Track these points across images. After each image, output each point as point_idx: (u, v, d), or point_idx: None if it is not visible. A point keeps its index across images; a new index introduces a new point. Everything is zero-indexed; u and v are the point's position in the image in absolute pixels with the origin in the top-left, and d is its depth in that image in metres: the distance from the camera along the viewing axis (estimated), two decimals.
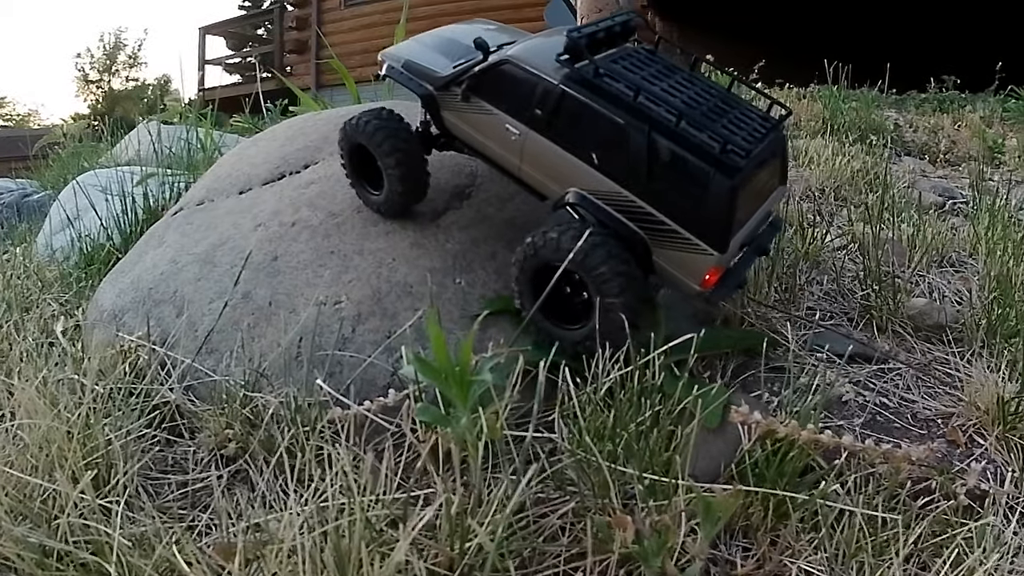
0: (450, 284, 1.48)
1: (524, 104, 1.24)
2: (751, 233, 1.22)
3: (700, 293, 1.19)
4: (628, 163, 1.16)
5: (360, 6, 9.66)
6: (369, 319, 1.44)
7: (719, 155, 1.11)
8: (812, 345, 1.52)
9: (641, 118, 1.15)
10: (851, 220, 1.86)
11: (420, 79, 1.42)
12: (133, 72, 24.67)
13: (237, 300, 1.58)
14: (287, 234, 1.69)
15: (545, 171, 1.27)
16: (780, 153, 1.27)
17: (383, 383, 1.36)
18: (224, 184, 2.05)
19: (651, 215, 1.16)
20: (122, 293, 1.82)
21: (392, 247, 1.57)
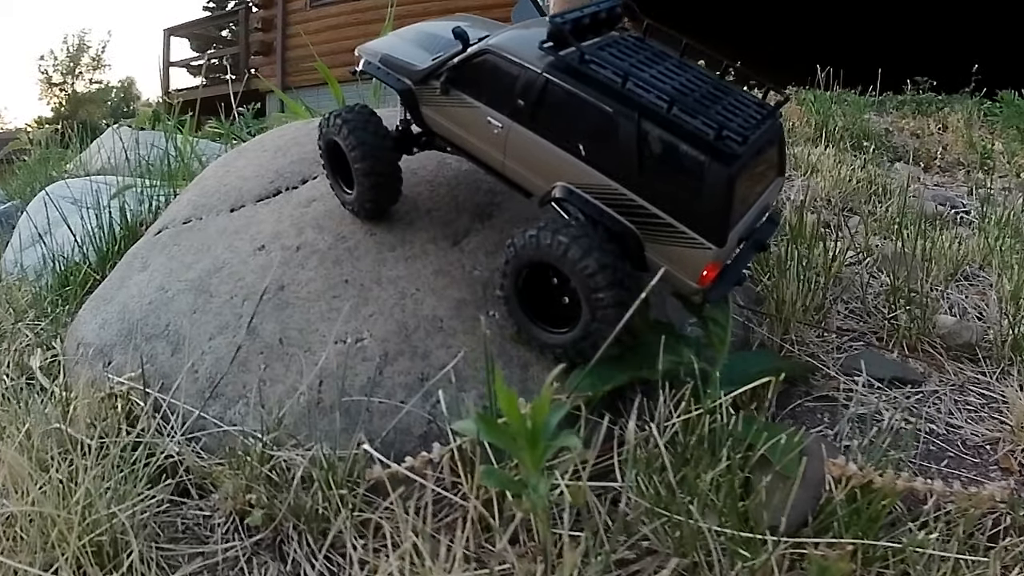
0: (483, 318, 1.31)
1: (506, 95, 1.13)
2: (749, 227, 1.12)
3: (697, 291, 1.08)
4: (617, 154, 1.05)
5: (326, 7, 9.24)
6: (398, 359, 1.26)
7: (714, 142, 1.00)
8: (849, 368, 1.42)
9: (630, 105, 1.04)
10: (866, 232, 1.76)
11: (398, 73, 1.30)
12: (97, 75, 23.39)
13: (242, 337, 1.38)
14: (292, 259, 1.49)
15: (530, 166, 1.16)
16: (777, 141, 1.16)
17: (419, 431, 1.20)
18: (212, 200, 1.81)
19: (643, 208, 1.06)
20: (106, 325, 1.59)
21: (414, 275, 1.39)
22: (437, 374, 1.23)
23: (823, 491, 1.09)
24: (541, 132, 1.12)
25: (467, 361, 1.25)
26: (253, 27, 10.12)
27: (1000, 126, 3.57)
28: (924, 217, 1.87)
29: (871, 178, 2.13)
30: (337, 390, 1.24)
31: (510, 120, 1.15)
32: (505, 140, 1.17)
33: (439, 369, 1.24)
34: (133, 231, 1.99)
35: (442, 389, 1.20)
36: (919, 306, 1.49)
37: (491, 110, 1.17)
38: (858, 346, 1.49)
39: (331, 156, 1.44)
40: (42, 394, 1.56)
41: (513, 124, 1.14)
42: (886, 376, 1.38)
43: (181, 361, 1.41)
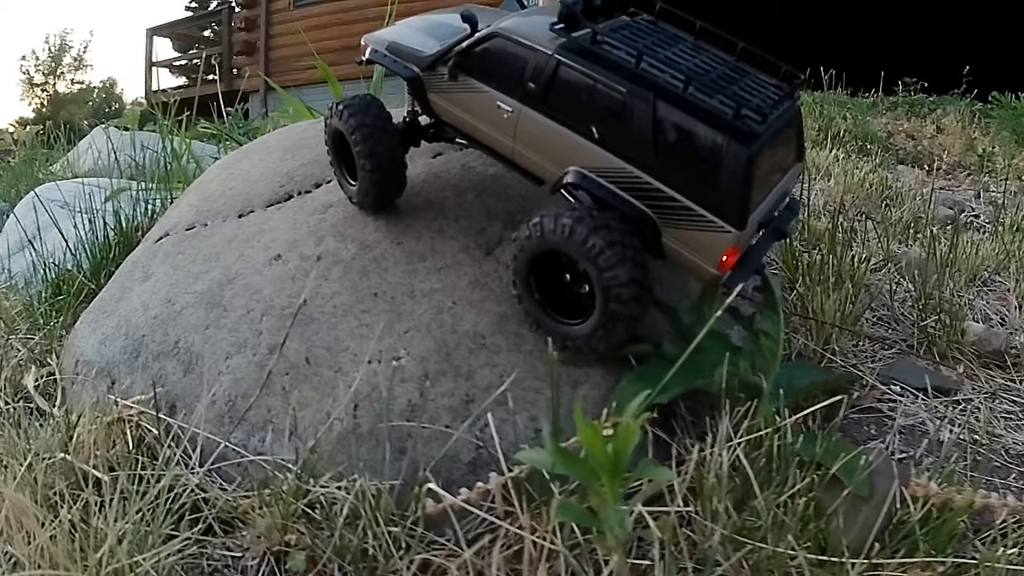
0: (526, 333, 1.20)
1: (516, 79, 1.08)
2: (768, 212, 1.06)
3: (717, 277, 1.02)
4: (632, 135, 1.00)
5: (310, 7, 8.97)
6: (440, 380, 1.14)
7: (733, 121, 0.94)
8: (886, 378, 1.36)
9: (645, 85, 0.99)
10: (887, 238, 1.69)
11: (405, 60, 1.24)
12: (78, 75, 22.46)
13: (263, 356, 1.24)
14: (313, 270, 1.35)
15: (541, 151, 1.10)
16: (796, 124, 1.11)
17: (467, 458, 1.08)
18: (218, 205, 1.66)
19: (659, 192, 1.00)
20: (108, 340, 1.43)
21: (449, 288, 1.27)
22: (483, 395, 1.12)
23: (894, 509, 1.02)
24: (552, 115, 1.07)
25: (514, 380, 1.14)
26: (236, 27, 9.80)
27: (995, 128, 3.57)
28: (938, 222, 1.83)
29: (883, 182, 2.08)
30: (375, 414, 1.12)
31: (520, 104, 1.09)
32: (515, 125, 1.11)
33: (485, 390, 1.13)
34: (129, 237, 1.82)
35: (491, 412, 1.09)
36: (947, 313, 1.43)
37: (500, 94, 1.11)
38: (890, 355, 1.43)
39: (336, 147, 1.37)
40: (40, 419, 1.41)
41: (523, 108, 1.09)
42: (923, 385, 1.32)
43: (195, 382, 1.27)
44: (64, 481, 1.16)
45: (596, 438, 0.81)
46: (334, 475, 1.04)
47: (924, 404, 1.31)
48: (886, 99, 4.30)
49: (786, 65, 1.11)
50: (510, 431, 1.10)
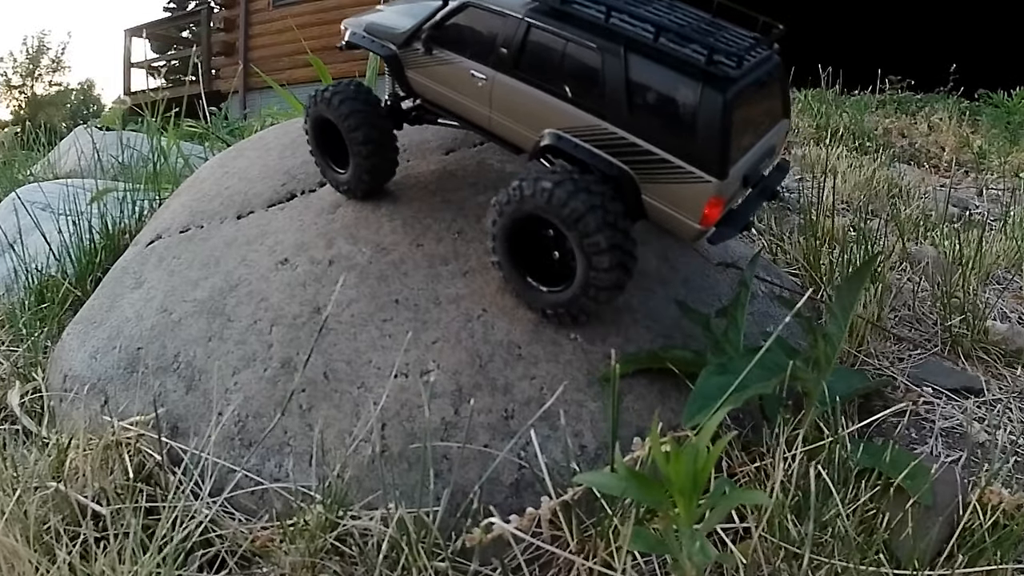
0: (564, 341, 1.08)
1: (489, 46, 1.06)
2: (754, 168, 1.00)
3: (701, 232, 0.95)
4: (605, 91, 0.95)
5: (289, 7, 8.59)
6: (475, 394, 1.02)
7: (706, 67, 0.89)
8: (917, 379, 1.28)
9: (615, 39, 0.95)
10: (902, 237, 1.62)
11: (382, 40, 1.22)
12: (56, 76, 21.39)
13: (275, 371, 1.10)
14: (325, 276, 1.21)
15: (516, 115, 1.06)
16: (779, 79, 1.05)
17: (509, 479, 0.96)
18: (214, 205, 1.49)
19: (636, 146, 0.95)
20: (99, 354, 1.26)
21: (476, 294, 1.14)
22: (523, 410, 1.00)
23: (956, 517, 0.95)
24: (525, 79, 1.03)
25: (554, 393, 1.02)
26: (215, 27, 9.45)
27: (986, 125, 3.54)
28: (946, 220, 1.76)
29: (889, 179, 2.02)
30: (406, 435, 0.99)
31: (494, 71, 1.06)
32: (490, 92, 1.07)
33: (525, 404, 1.01)
34: (115, 240, 1.63)
35: (533, 429, 0.97)
36: (969, 313, 1.37)
37: (474, 63, 1.08)
38: (916, 355, 1.35)
39: (319, 136, 1.30)
40: (27, 441, 1.23)
41: (497, 75, 1.05)
42: (953, 386, 1.25)
43: (200, 401, 1.12)
44: (58, 515, 1.00)
45: (678, 461, 0.71)
46: (365, 504, 0.91)
47: (957, 405, 1.24)
48: (874, 97, 4.24)
49: (764, 17, 1.05)
50: (554, 448, 0.99)
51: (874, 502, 0.94)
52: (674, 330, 1.15)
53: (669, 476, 0.76)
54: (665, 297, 1.20)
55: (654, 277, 1.22)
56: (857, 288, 1.05)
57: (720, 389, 0.97)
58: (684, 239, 1.00)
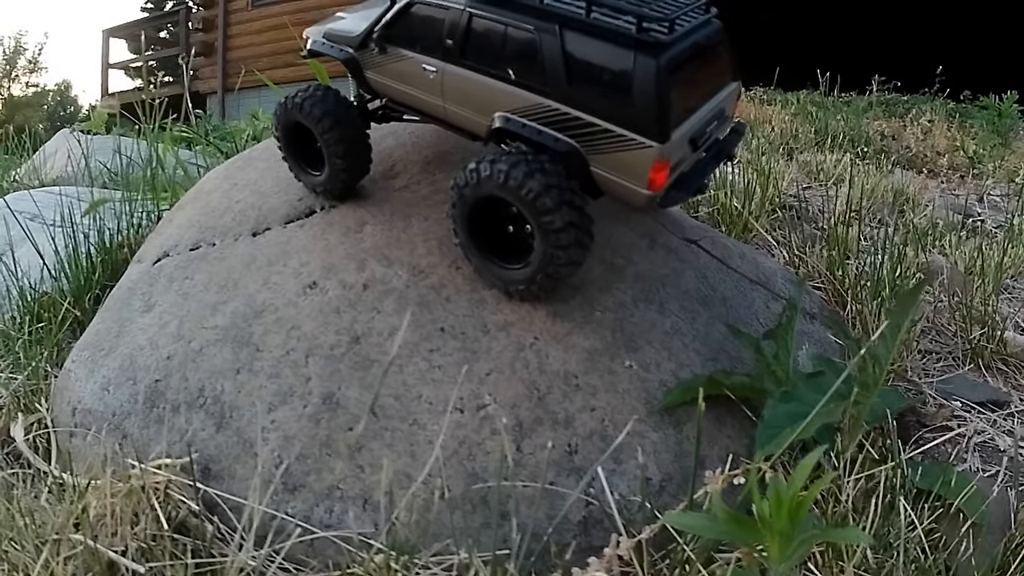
0: (620, 369, 1.00)
1: (436, 39, 1.06)
2: (702, 131, 0.99)
3: (651, 198, 0.93)
4: (544, 70, 0.95)
5: (268, 7, 8.17)
6: (536, 429, 0.93)
7: (637, 35, 0.89)
8: (944, 392, 1.26)
9: (549, 19, 0.95)
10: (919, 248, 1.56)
11: (340, 44, 1.22)
12: (33, 78, 19.98)
13: (317, 407, 0.98)
14: (360, 301, 1.08)
15: (467, 103, 1.06)
16: (722, 41, 1.04)
17: (577, 517, 0.88)
18: (225, 220, 1.33)
19: (579, 119, 0.94)
20: (111, 386, 1.11)
21: (525, 320, 1.04)
22: (586, 444, 0.92)
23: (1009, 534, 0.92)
24: (471, 66, 1.03)
25: (615, 425, 0.94)
26: (194, 27, 8.96)
27: (978, 129, 3.51)
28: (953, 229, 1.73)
29: (895, 188, 1.99)
30: (467, 474, 0.89)
31: (443, 63, 1.06)
32: (441, 83, 1.07)
33: (587, 438, 0.93)
34: (113, 255, 1.44)
35: (601, 466, 0.89)
36: (987, 323, 1.34)
37: (424, 57, 1.08)
38: (939, 367, 1.32)
39: (291, 140, 1.27)
40: (37, 480, 1.07)
41: (446, 65, 1.06)
42: (979, 399, 1.23)
43: (232, 440, 0.99)
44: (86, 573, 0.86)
45: (778, 501, 0.65)
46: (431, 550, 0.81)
47: (985, 419, 1.21)
48: (862, 98, 4.16)
49: None
50: (619, 482, 0.91)
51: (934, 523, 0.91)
52: (720, 352, 1.09)
53: (764, 514, 0.71)
54: (709, 318, 1.13)
55: (695, 297, 1.15)
56: (906, 311, 1.01)
57: (788, 417, 0.91)
58: (636, 207, 0.98)
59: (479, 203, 1.01)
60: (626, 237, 1.21)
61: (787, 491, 0.72)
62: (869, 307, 1.26)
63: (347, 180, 1.25)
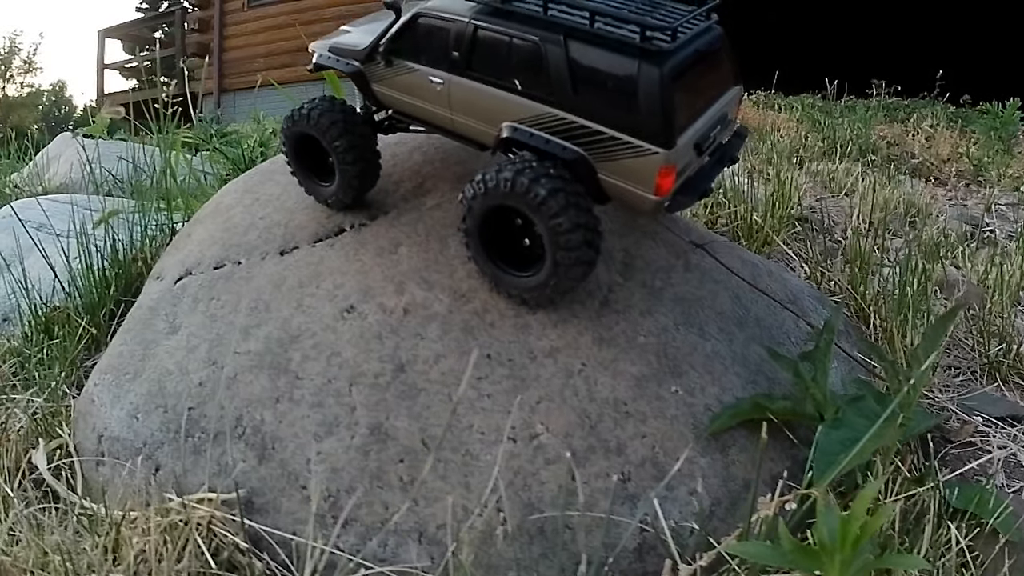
0: (667, 395, 1.00)
1: (442, 51, 1.07)
2: (707, 136, 1.01)
3: (658, 203, 0.95)
4: (550, 79, 0.97)
5: (264, 7, 8.02)
6: (589, 458, 0.92)
7: (641, 44, 0.91)
8: (965, 408, 1.28)
9: (554, 30, 0.96)
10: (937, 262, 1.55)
11: (346, 58, 1.22)
12: (28, 78, 19.41)
13: (364, 438, 0.95)
14: (402, 327, 1.06)
15: (475, 113, 1.07)
16: (723, 47, 1.06)
17: (633, 545, 0.88)
18: (249, 238, 1.29)
19: (585, 128, 0.96)
20: (141, 413, 1.07)
21: (572, 346, 1.03)
22: (639, 472, 0.92)
23: None
24: (478, 78, 1.04)
25: (666, 451, 0.94)
26: (190, 28, 8.76)
27: (981, 136, 3.48)
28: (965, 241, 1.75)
29: (906, 199, 2.01)
30: (523, 505, 0.88)
31: (449, 74, 1.07)
32: (448, 95, 1.08)
33: (640, 466, 0.93)
34: (127, 269, 1.38)
35: (654, 493, 0.89)
36: (1004, 338, 1.37)
37: (431, 69, 1.09)
38: (959, 382, 1.35)
39: (299, 152, 1.26)
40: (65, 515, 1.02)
41: (452, 77, 1.06)
42: (1000, 414, 1.25)
43: (276, 473, 0.96)
44: None
45: (845, 529, 0.67)
46: None
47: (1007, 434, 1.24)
48: (862, 102, 4.11)
49: None
50: (671, 508, 0.91)
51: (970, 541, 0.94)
52: (758, 375, 1.09)
53: (826, 541, 0.72)
54: (745, 339, 1.14)
55: (731, 318, 1.16)
56: (941, 335, 1.03)
57: (841, 444, 0.93)
58: (644, 212, 0.99)
59: (489, 214, 1.02)
60: (662, 258, 1.21)
61: (851, 520, 0.74)
62: (893, 324, 1.28)
63: (359, 189, 1.25)
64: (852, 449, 0.93)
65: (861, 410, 0.98)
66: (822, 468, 0.90)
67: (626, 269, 1.16)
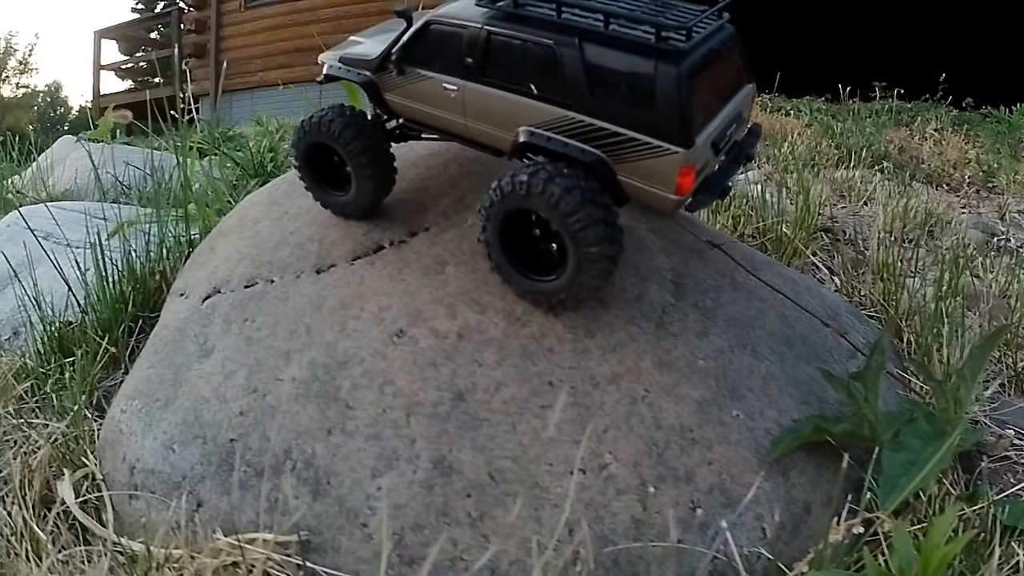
0: (729, 419, 0.99)
1: (455, 58, 1.06)
2: (723, 134, 1.02)
3: (678, 202, 0.96)
4: (567, 83, 0.96)
5: (261, 8, 7.85)
6: (659, 487, 0.91)
7: (657, 44, 0.91)
8: (999, 422, 1.31)
9: (569, 33, 0.96)
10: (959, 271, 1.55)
11: (357, 68, 1.20)
12: (24, 79, 18.88)
13: (428, 472, 0.92)
14: (457, 353, 1.02)
15: (490, 119, 1.07)
16: (736, 46, 1.08)
17: (704, 573, 0.87)
18: (281, 254, 1.22)
19: (604, 130, 0.96)
20: (176, 444, 1.02)
21: (633, 372, 1.01)
22: (707, 499, 0.91)
23: None
24: (493, 83, 1.03)
25: (732, 477, 0.94)
26: (187, 28, 8.52)
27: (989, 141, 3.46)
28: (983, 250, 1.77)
29: (925, 208, 2.00)
30: (598, 537, 0.86)
31: (463, 81, 1.06)
32: (463, 101, 1.07)
33: (708, 493, 0.91)
34: (144, 283, 1.29)
35: (724, 521, 0.88)
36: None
37: (444, 76, 1.08)
38: (989, 395, 1.35)
39: (312, 162, 1.24)
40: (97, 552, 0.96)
41: (466, 83, 1.06)
42: None
43: (334, 511, 0.92)
44: None
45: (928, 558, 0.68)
46: None
47: None
48: (865, 105, 4.11)
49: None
50: (739, 534, 0.91)
51: None
52: (809, 395, 1.09)
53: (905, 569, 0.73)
54: (794, 359, 1.14)
55: (780, 338, 1.16)
56: (985, 355, 1.05)
57: (903, 467, 0.94)
58: (664, 212, 1.00)
59: (508, 220, 1.02)
60: (710, 277, 1.20)
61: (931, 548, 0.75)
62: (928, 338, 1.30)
63: (375, 194, 1.23)
64: (913, 472, 0.95)
65: (916, 431, 1.00)
66: (887, 492, 0.91)
67: (677, 289, 1.15)
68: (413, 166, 1.36)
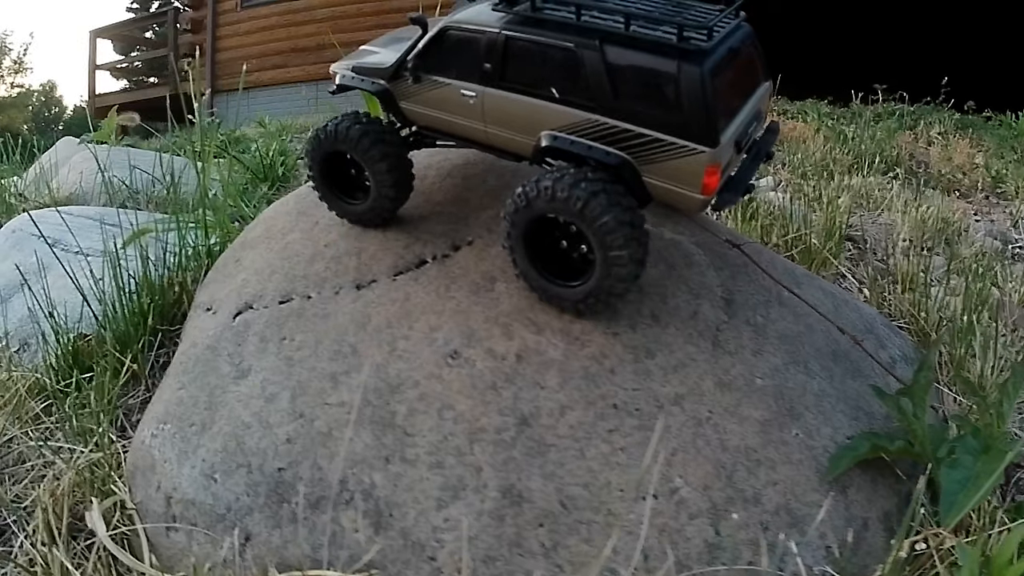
0: (790, 439, 0.99)
1: (473, 63, 1.05)
2: (745, 133, 1.03)
3: (705, 202, 0.97)
4: (589, 85, 0.96)
5: (257, 8, 7.66)
6: (729, 509, 0.90)
7: (679, 44, 0.92)
8: None
9: (590, 35, 0.96)
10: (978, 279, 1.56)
11: (371, 77, 1.19)
12: (18, 78, 18.24)
13: (496, 502, 0.89)
14: (518, 376, 0.99)
15: (510, 125, 1.06)
16: (754, 44, 1.09)
17: None
18: (316, 268, 1.17)
19: (628, 132, 0.96)
20: (216, 472, 0.97)
21: (695, 392, 1.00)
22: (775, 520, 0.91)
23: None
24: (512, 88, 1.02)
25: (796, 496, 0.94)
26: (183, 28, 8.35)
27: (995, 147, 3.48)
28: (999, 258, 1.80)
29: (941, 214, 2.04)
30: (673, 564, 0.86)
31: (482, 87, 1.05)
32: (482, 107, 1.06)
33: (775, 513, 0.91)
34: (164, 296, 1.21)
35: (793, 540, 0.89)
36: None
37: (462, 82, 1.07)
38: (1017, 405, 1.42)
39: (325, 174, 1.22)
40: None
41: (485, 89, 1.04)
42: None
43: (399, 544, 0.88)
44: None
45: None
46: None
47: None
48: (866, 107, 4.13)
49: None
50: (806, 554, 0.91)
51: None
52: (859, 411, 1.11)
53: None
54: (841, 375, 1.15)
55: (827, 354, 1.16)
56: None
57: (959, 483, 0.96)
58: (689, 212, 0.99)
59: (532, 227, 1.00)
60: (758, 292, 1.19)
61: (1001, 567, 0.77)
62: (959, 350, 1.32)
63: (394, 201, 1.21)
64: (970, 488, 0.97)
65: (966, 447, 1.02)
66: (947, 510, 0.93)
67: (728, 306, 1.14)
68: (449, 176, 1.31)
